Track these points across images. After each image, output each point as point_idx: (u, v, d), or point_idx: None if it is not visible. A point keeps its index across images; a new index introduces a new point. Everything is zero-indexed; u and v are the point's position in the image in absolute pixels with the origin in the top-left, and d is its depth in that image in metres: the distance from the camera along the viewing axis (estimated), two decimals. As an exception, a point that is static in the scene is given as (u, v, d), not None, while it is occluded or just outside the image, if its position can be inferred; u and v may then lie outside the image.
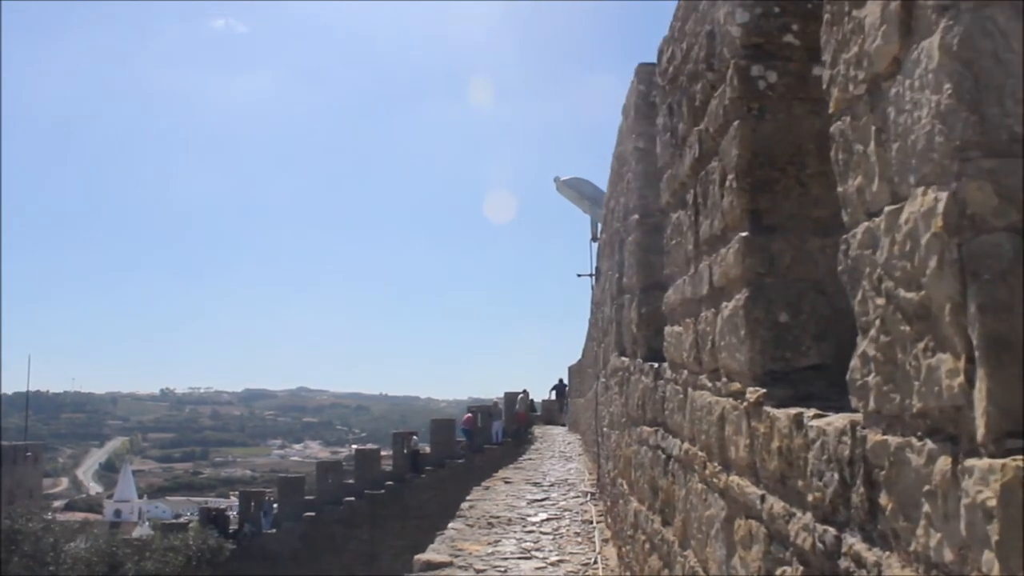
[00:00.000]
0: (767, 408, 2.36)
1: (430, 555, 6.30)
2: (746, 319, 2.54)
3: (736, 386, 2.69)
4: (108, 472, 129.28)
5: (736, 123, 2.67)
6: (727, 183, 2.75)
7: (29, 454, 44.20)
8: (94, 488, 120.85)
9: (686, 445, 3.41)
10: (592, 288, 15.59)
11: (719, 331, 2.87)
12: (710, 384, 3.04)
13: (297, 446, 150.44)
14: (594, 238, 15.57)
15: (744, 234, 2.59)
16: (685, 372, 3.49)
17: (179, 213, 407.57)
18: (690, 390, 3.39)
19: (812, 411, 2.06)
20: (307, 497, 33.04)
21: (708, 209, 3.05)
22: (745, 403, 2.55)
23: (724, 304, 2.81)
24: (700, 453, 3.14)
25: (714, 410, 2.93)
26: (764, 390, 2.44)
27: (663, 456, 3.85)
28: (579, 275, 18.43)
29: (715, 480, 2.90)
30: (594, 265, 14.60)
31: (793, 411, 2.14)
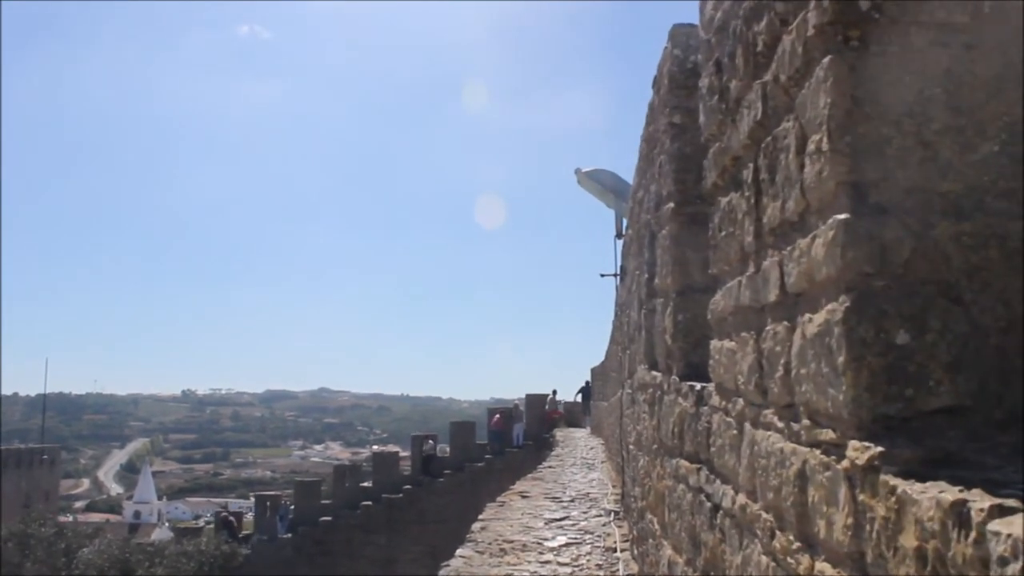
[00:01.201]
0: (889, 479, 1.56)
1: (432, 594, 5.53)
2: (847, 339, 1.74)
3: (828, 435, 1.88)
4: (129, 473, 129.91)
5: (827, 60, 1.87)
6: (811, 146, 1.96)
7: (45, 457, 44.03)
8: (115, 489, 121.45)
9: (742, 499, 2.61)
10: (616, 288, 14.77)
11: (797, 354, 2.07)
12: (781, 424, 2.24)
13: (318, 447, 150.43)
14: (618, 235, 14.77)
15: (843, 216, 1.79)
16: (740, 402, 2.69)
17: (200, 215, 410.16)
18: (748, 426, 2.58)
19: (983, 499, 1.27)
20: (324, 501, 32.48)
21: (777, 186, 2.25)
22: (846, 463, 1.75)
23: (806, 316, 2.01)
24: (765, 515, 2.34)
25: (789, 462, 2.13)
26: (879, 449, 1.64)
27: (708, 504, 3.06)
28: (602, 275, 17.63)
29: (790, 560, 2.10)
30: (618, 264, 13.79)
31: (947, 495, 1.34)
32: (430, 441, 31.06)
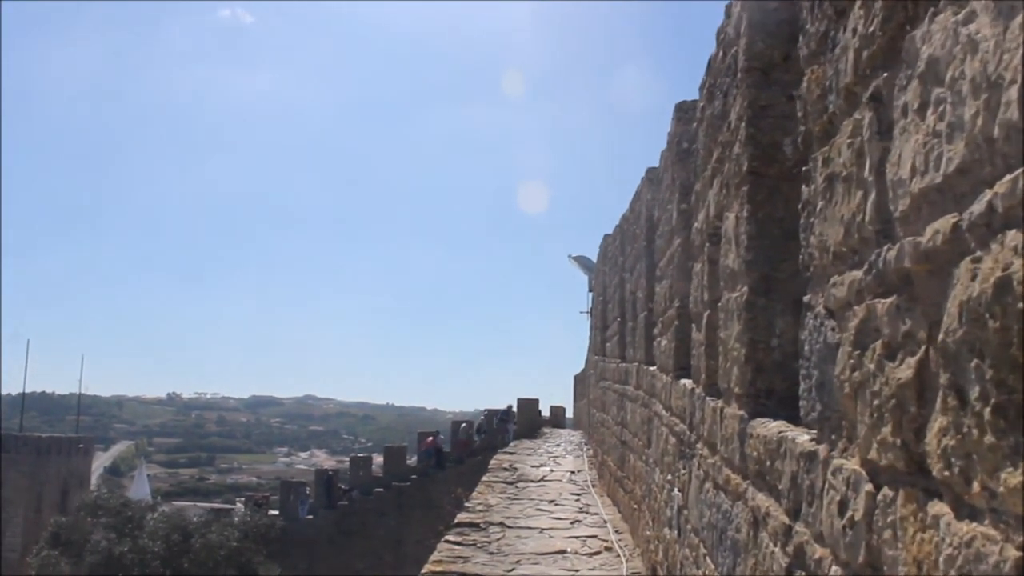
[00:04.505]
0: None
1: None
2: None
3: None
4: (113, 476, 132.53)
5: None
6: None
7: (81, 446, 48.82)
8: (100, 493, 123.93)
9: (631, 390, 7.99)
10: (590, 318, 22.15)
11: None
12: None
13: (303, 454, 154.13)
14: (590, 289, 24.10)
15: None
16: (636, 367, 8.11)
17: (186, 216, 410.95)
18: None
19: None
20: (340, 486, 37.67)
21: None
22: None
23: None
24: (638, 392, 7.71)
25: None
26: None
27: (616, 395, 8.48)
28: (581, 312, 26.34)
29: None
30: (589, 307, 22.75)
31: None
32: (441, 436, 36.43)
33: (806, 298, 2.29)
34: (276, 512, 37.04)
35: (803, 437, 2.30)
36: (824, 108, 2.19)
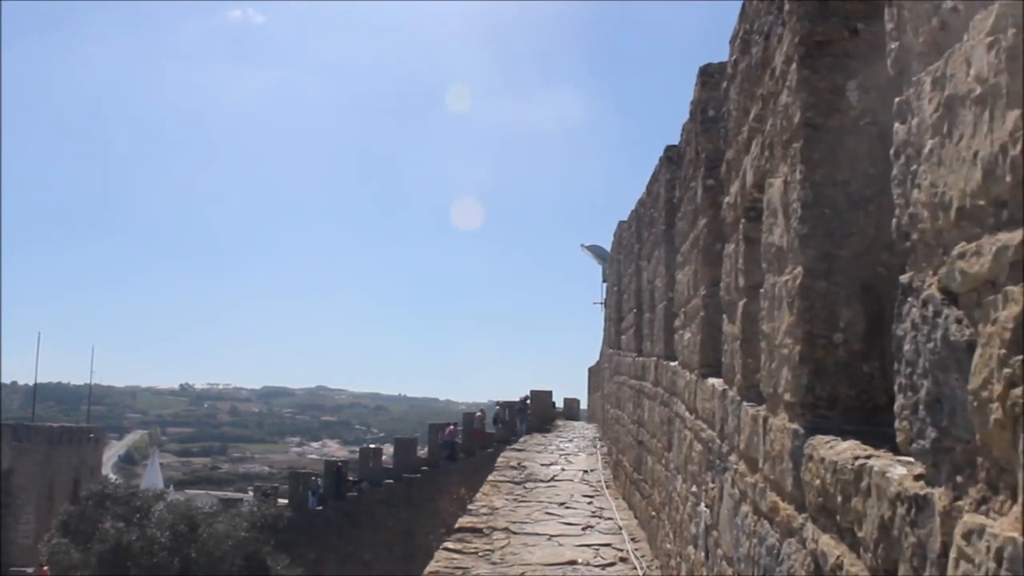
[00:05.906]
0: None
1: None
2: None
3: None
4: (127, 465, 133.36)
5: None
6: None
7: (92, 435, 48.70)
8: (114, 480, 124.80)
9: (649, 386, 7.36)
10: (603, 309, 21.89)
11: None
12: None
13: (315, 444, 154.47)
14: (604, 280, 22.90)
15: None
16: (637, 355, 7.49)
17: (198, 209, 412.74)
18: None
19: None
20: (350, 477, 37.26)
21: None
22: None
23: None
24: (656, 389, 7.09)
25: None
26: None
27: (631, 391, 7.86)
28: (594, 303, 26.35)
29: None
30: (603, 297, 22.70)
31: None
32: (454, 427, 36.01)
33: (905, 277, 1.66)
34: (285, 502, 36.72)
35: (898, 470, 1.67)
36: (934, 9, 1.55)
